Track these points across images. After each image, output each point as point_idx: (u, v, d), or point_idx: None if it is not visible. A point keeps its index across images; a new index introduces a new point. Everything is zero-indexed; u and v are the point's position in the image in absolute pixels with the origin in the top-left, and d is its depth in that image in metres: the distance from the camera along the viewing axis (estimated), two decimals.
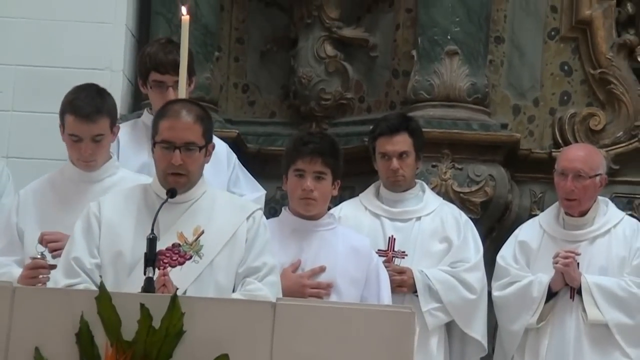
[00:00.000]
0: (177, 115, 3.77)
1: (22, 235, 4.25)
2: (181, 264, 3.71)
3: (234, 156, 4.85)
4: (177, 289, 3.51)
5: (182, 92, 4.29)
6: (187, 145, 3.74)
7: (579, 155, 5.07)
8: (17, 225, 4.27)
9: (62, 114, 4.25)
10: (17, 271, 4.16)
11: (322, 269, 4.34)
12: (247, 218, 3.81)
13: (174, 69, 4.38)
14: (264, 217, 3.90)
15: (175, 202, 3.77)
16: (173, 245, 3.73)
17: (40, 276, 4.07)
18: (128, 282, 3.59)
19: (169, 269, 3.67)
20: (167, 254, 3.70)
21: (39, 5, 6.00)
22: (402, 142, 4.95)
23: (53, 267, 4.01)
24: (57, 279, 3.71)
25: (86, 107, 4.20)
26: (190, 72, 4.61)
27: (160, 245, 3.67)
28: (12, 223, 4.28)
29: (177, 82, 4.34)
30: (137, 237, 3.67)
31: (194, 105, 3.87)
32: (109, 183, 4.26)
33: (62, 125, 4.27)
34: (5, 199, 4.77)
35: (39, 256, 4.10)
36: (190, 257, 3.72)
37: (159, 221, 3.70)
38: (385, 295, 4.43)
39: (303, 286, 4.27)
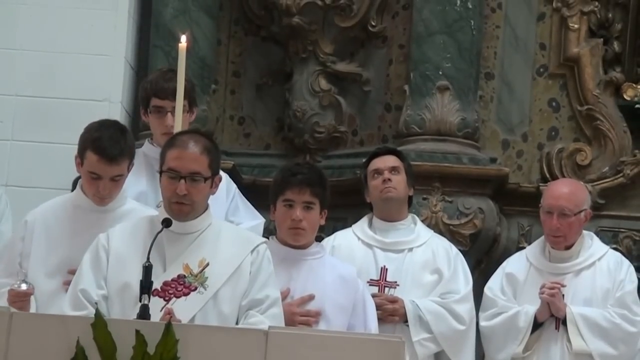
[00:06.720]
0: (185, 146, 3.78)
1: (28, 257, 4.21)
2: (186, 294, 3.70)
3: (234, 186, 4.84)
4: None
5: (179, 116, 4.34)
6: (193, 175, 3.75)
7: (563, 192, 5.06)
8: (21, 252, 4.22)
9: (84, 149, 4.15)
10: None
11: (310, 297, 4.33)
12: (252, 251, 3.82)
13: (173, 94, 4.40)
14: (268, 251, 3.89)
15: (181, 233, 3.79)
16: (178, 276, 3.73)
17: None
18: (134, 313, 3.53)
19: (173, 299, 3.69)
20: (173, 285, 3.72)
21: (39, 37, 6.04)
22: (392, 160, 5.00)
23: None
24: (64, 310, 3.70)
25: (111, 149, 4.11)
26: (192, 103, 4.66)
27: (166, 277, 3.72)
28: (16, 250, 4.24)
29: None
30: None
31: (202, 137, 3.87)
32: (120, 213, 4.23)
33: (81, 159, 4.18)
34: (3, 225, 4.79)
35: (23, 286, 4.05)
36: (195, 289, 3.72)
37: (166, 253, 3.75)
38: (372, 323, 4.44)
39: (293, 314, 4.24)
